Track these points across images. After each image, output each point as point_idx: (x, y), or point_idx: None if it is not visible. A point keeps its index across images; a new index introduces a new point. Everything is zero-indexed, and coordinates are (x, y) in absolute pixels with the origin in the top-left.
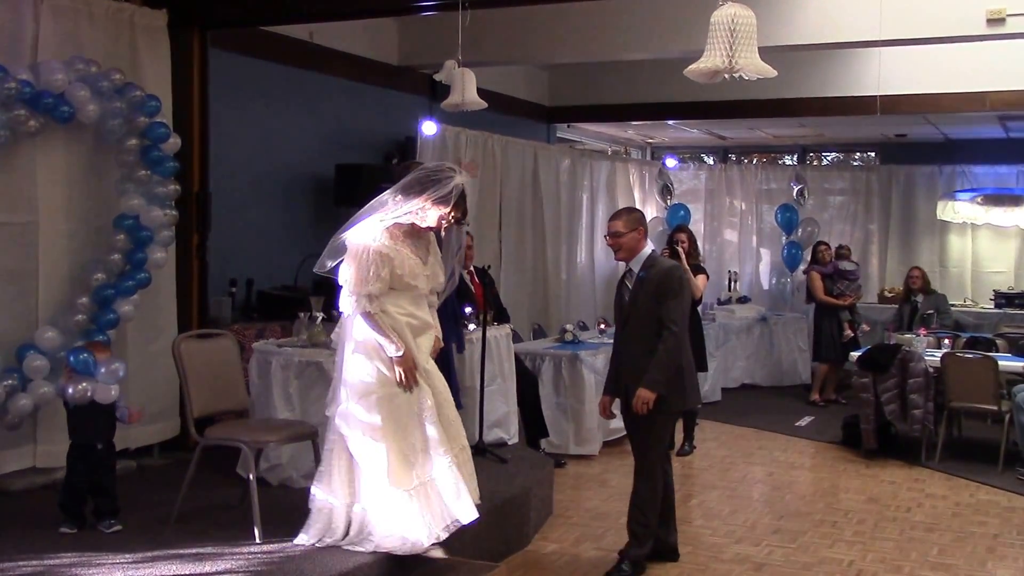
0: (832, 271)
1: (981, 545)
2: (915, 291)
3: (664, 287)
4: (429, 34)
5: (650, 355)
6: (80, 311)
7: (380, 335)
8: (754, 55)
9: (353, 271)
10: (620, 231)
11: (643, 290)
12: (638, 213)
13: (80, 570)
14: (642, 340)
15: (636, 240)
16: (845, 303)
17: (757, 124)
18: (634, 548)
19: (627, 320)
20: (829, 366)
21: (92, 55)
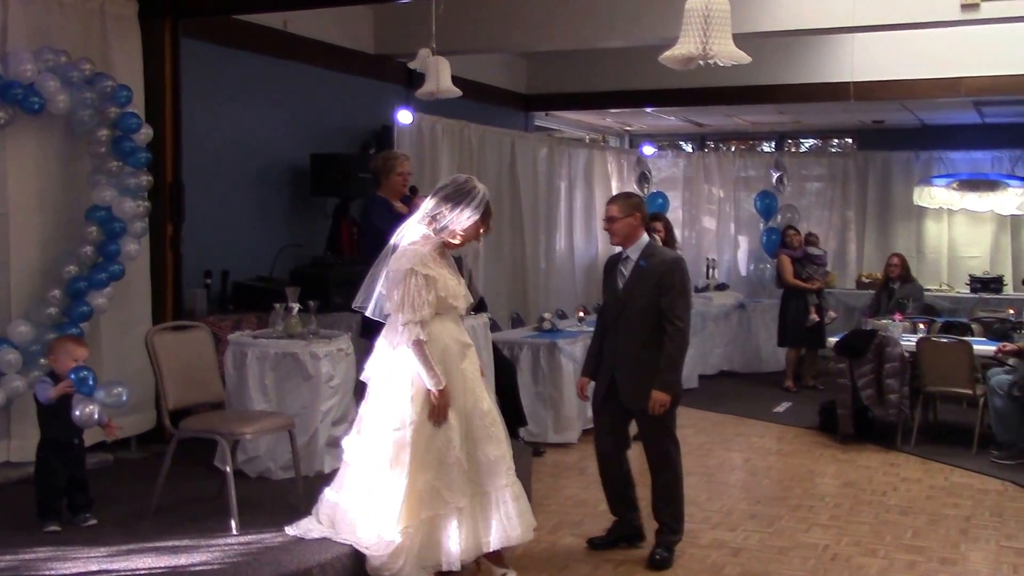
0: (802, 255)
1: (954, 527)
2: (893, 279)
3: (668, 281)
4: (405, 22)
5: (646, 348)
6: (52, 304)
7: (425, 367)
8: (728, 42)
9: (400, 298)
10: (615, 216)
11: (643, 280)
12: (636, 198)
13: (56, 564)
14: (639, 332)
15: (632, 226)
16: (813, 287)
17: (734, 111)
18: (668, 535)
19: (623, 309)
20: (797, 351)
21: (62, 45)
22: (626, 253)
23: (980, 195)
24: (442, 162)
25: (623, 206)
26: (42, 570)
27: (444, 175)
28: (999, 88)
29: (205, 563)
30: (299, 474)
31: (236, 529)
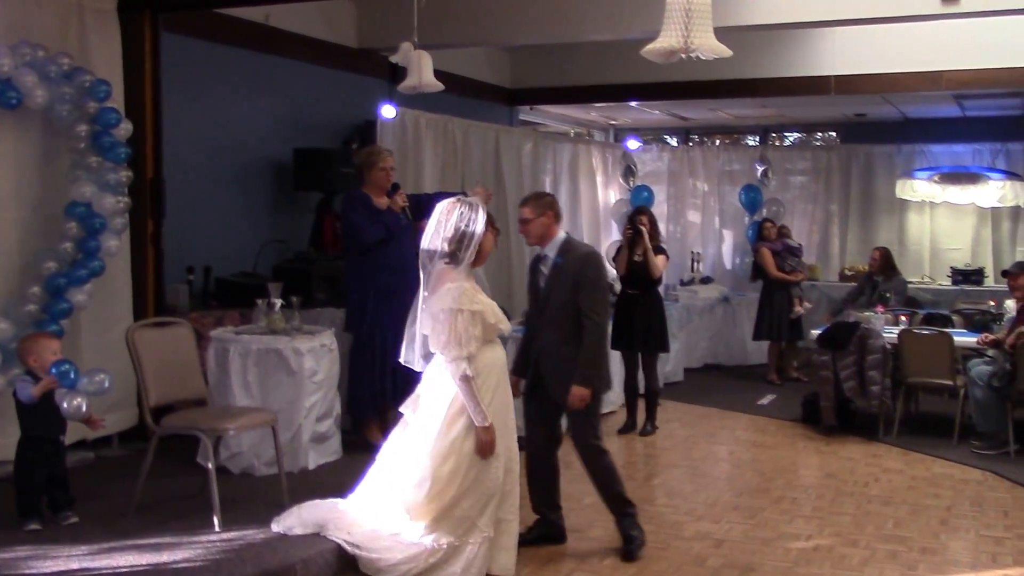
0: (781, 248)
1: (935, 517)
2: (876, 273)
3: (582, 276)
4: (387, 16)
5: (567, 344)
6: (32, 301)
7: (472, 403)
8: (709, 35)
9: (447, 338)
10: (528, 217)
11: (560, 277)
12: (548, 198)
13: (37, 563)
14: (560, 328)
15: (546, 225)
16: (796, 279)
17: (718, 105)
18: (626, 517)
19: (544, 307)
20: (778, 344)
21: (40, 39)
22: (544, 252)
23: (961, 188)
24: (426, 157)
25: (535, 207)
26: (23, 569)
27: (428, 170)
28: (980, 82)
29: (188, 560)
30: (283, 470)
31: (219, 526)
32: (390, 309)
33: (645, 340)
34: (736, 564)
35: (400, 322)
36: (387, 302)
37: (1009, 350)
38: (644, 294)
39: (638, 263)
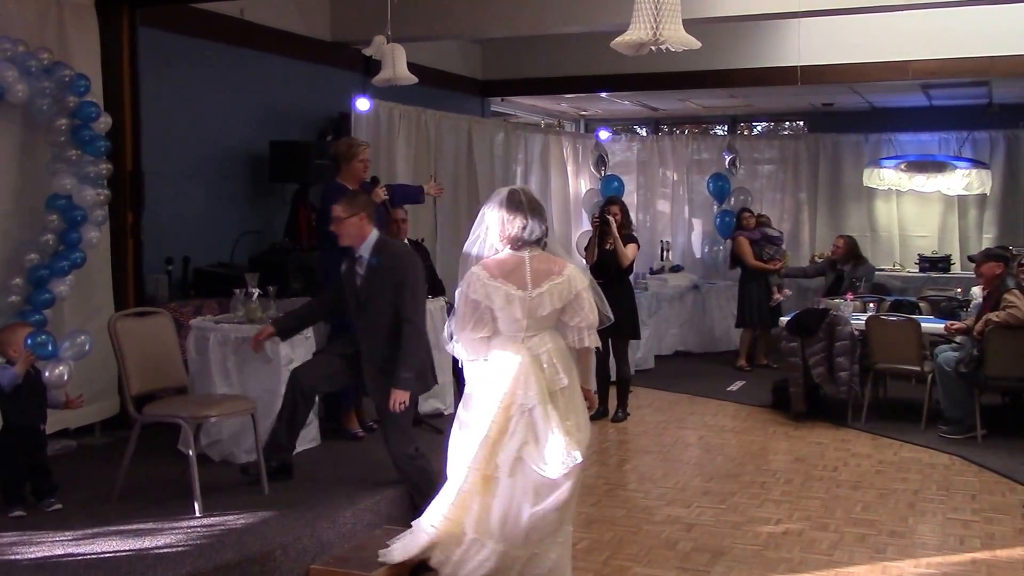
0: (759, 237)
1: (903, 501)
2: (840, 260)
3: (400, 278)
4: (361, 9)
5: (389, 346)
6: (14, 292)
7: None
8: (678, 27)
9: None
10: (340, 216)
11: (377, 279)
12: (362, 197)
13: (22, 548)
14: (381, 330)
15: (358, 225)
16: (775, 268)
17: (687, 95)
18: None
19: (364, 307)
20: (753, 331)
21: (19, 34)
22: (358, 252)
23: (928, 177)
24: (399, 148)
25: (347, 205)
26: (8, 555)
27: (401, 161)
28: (946, 71)
29: (169, 545)
30: (262, 457)
31: (200, 512)
32: None
33: (616, 327)
34: (707, 548)
35: None
36: None
37: (977, 337)
38: (614, 283)
39: (608, 252)
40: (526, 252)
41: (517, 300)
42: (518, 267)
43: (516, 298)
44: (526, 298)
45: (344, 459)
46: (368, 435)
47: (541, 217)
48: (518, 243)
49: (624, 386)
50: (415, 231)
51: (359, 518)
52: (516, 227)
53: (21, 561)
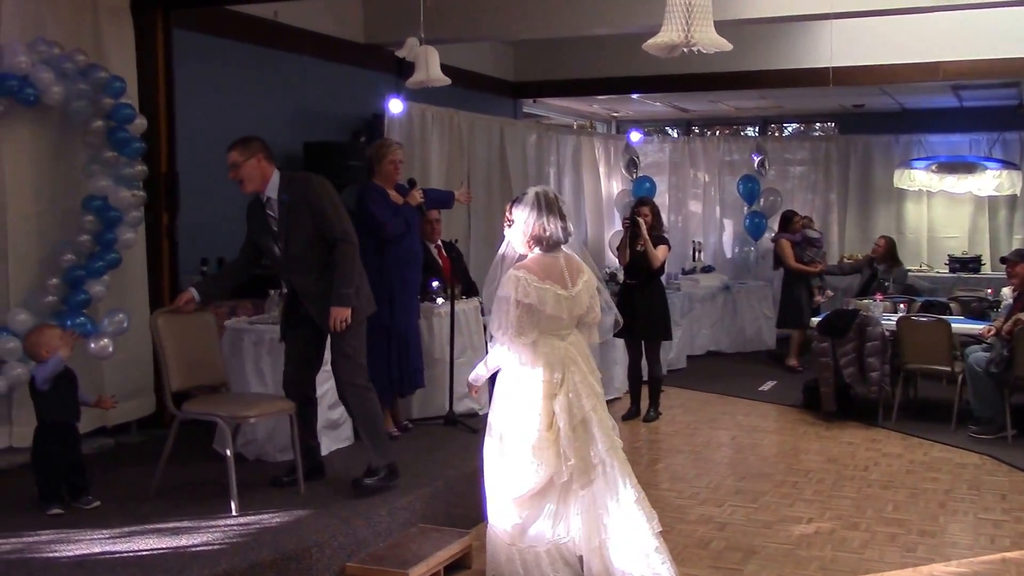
0: (800, 239)
1: (933, 501)
2: (877, 260)
3: (314, 204)
4: (394, 11)
5: (323, 278)
6: (51, 292)
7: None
8: (710, 29)
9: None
10: (238, 161)
11: (293, 213)
12: (256, 142)
13: (60, 547)
14: (310, 265)
15: (258, 167)
16: (816, 270)
17: (719, 97)
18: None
19: (287, 248)
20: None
21: (55, 37)
22: (265, 195)
23: (959, 177)
24: (432, 149)
25: (242, 150)
26: (46, 552)
27: (435, 163)
28: (977, 72)
29: (206, 544)
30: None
31: (236, 510)
32: (403, 300)
33: (648, 328)
34: (739, 547)
35: (411, 313)
36: (404, 294)
37: (1007, 337)
38: (646, 284)
39: (639, 253)
40: (560, 252)
41: (563, 300)
42: (556, 267)
43: (562, 298)
44: (568, 297)
45: None
46: (402, 434)
47: (565, 217)
48: (549, 244)
49: (656, 386)
50: (448, 232)
51: (394, 517)
52: (550, 228)
53: (60, 559)
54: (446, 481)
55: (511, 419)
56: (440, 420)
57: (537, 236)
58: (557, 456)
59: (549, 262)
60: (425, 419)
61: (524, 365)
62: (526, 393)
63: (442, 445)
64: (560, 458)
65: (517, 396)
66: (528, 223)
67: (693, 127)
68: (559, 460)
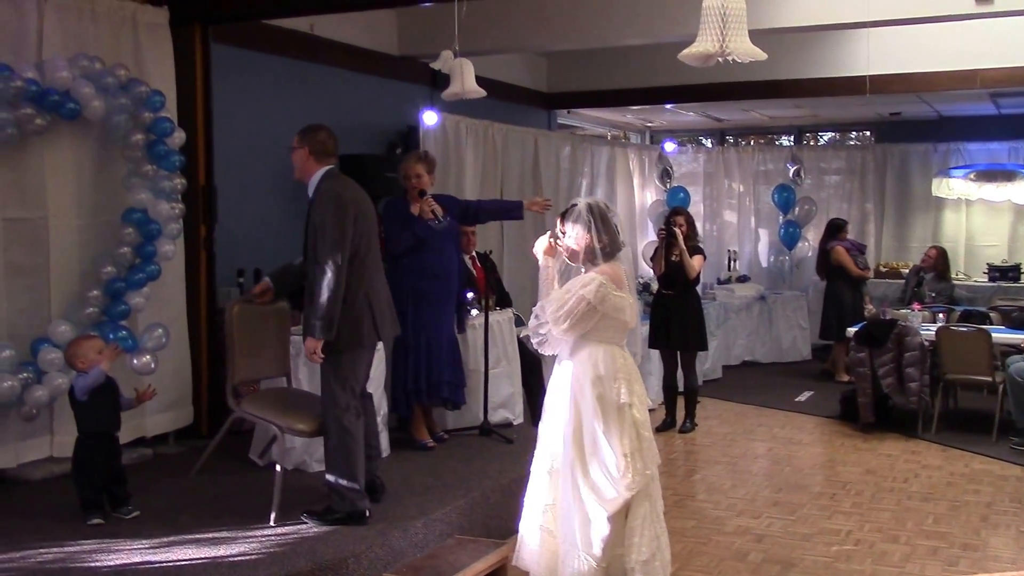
0: (851, 246)
1: (975, 513)
2: (926, 269)
3: (315, 219)
4: (428, 24)
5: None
6: (92, 304)
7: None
8: (745, 39)
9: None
10: (293, 146)
11: (308, 216)
12: (312, 135)
13: (101, 556)
14: (312, 272)
15: (303, 158)
16: (868, 276)
17: (753, 106)
18: (338, 504)
19: (304, 250)
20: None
21: (96, 52)
22: (309, 190)
23: (997, 185)
24: (467, 161)
25: (299, 138)
26: (88, 562)
27: (469, 174)
28: (1015, 80)
29: (243, 553)
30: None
31: (274, 520)
32: (423, 313)
33: (683, 339)
34: (777, 559)
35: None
36: (421, 306)
37: None
38: (681, 294)
39: (674, 263)
40: (618, 262)
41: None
42: (621, 276)
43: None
44: (634, 305)
45: (414, 469)
46: (437, 445)
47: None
48: (605, 255)
49: (691, 397)
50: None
51: (430, 528)
52: (604, 239)
53: (100, 568)
54: (482, 492)
55: (590, 430)
56: (475, 430)
57: (591, 248)
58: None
59: (616, 271)
60: (460, 430)
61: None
62: (610, 404)
63: (478, 455)
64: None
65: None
66: (582, 235)
67: (727, 137)
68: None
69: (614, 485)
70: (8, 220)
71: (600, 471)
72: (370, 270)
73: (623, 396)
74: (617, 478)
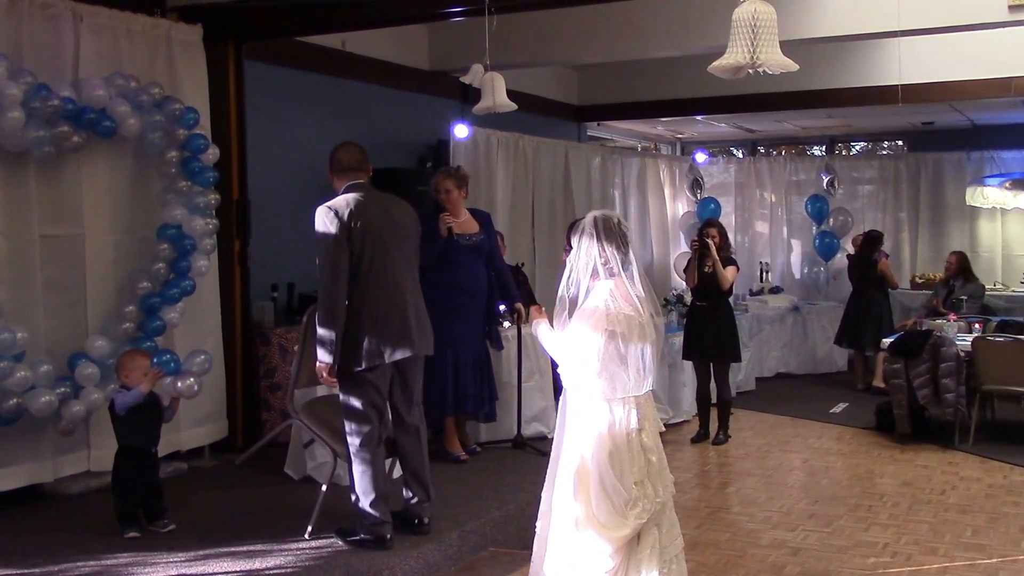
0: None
1: (1014, 526)
2: (954, 276)
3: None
4: (458, 39)
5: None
6: (128, 319)
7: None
8: (775, 50)
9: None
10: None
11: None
12: (336, 151)
13: (136, 569)
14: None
15: (332, 179)
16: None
17: (784, 116)
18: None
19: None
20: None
21: (131, 71)
22: None
23: None
24: (498, 174)
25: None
26: (124, 575)
27: (500, 187)
28: None
29: (278, 567)
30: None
31: (309, 534)
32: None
33: (716, 350)
34: (813, 572)
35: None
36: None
37: None
38: (714, 305)
39: (707, 275)
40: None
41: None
42: (627, 292)
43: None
44: (641, 324)
45: (448, 482)
46: (471, 458)
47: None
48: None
49: (725, 408)
50: (513, 256)
51: (464, 540)
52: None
53: None
54: (517, 505)
55: (607, 460)
56: (508, 443)
57: (594, 264)
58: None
59: (624, 288)
60: (494, 442)
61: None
62: (620, 431)
63: (512, 468)
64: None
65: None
66: (585, 251)
67: (759, 147)
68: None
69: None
70: (46, 237)
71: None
72: (374, 286)
73: (633, 422)
74: (624, 509)
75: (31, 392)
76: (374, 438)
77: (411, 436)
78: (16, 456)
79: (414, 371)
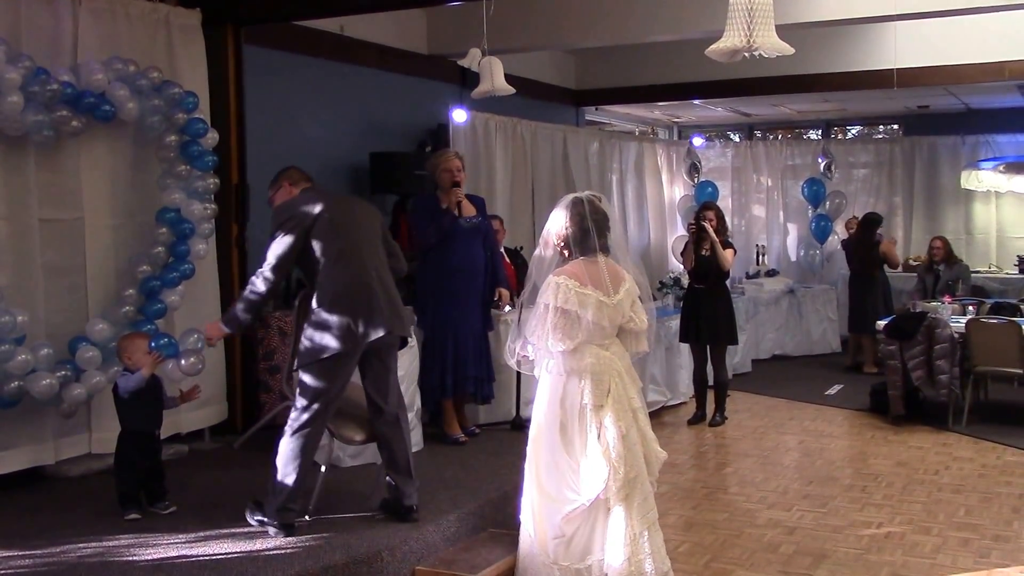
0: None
1: (1007, 505)
2: (937, 261)
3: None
4: (457, 23)
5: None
6: (128, 303)
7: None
8: (772, 33)
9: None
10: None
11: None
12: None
13: (138, 550)
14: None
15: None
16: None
17: (780, 100)
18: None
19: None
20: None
21: (130, 55)
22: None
23: None
24: (496, 158)
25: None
26: (126, 556)
27: (499, 171)
28: None
29: (279, 547)
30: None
31: (309, 515)
32: (449, 309)
33: (713, 333)
34: (809, 551)
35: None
36: (447, 302)
37: None
38: (712, 288)
39: (705, 258)
40: (600, 258)
41: (604, 308)
42: (598, 273)
43: (604, 305)
44: (610, 305)
45: (447, 463)
46: (471, 440)
47: (605, 225)
48: (581, 249)
49: (722, 390)
50: (513, 239)
51: (463, 521)
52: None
53: (138, 562)
54: (515, 486)
55: (558, 432)
56: (507, 425)
57: (565, 239)
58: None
59: (591, 268)
60: (493, 424)
61: (568, 375)
62: (572, 405)
63: (510, 450)
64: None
65: (563, 408)
66: (559, 225)
67: (755, 131)
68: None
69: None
70: (45, 221)
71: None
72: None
73: (585, 397)
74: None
75: (32, 375)
76: (311, 426)
77: (391, 426)
78: (18, 438)
79: (389, 354)
